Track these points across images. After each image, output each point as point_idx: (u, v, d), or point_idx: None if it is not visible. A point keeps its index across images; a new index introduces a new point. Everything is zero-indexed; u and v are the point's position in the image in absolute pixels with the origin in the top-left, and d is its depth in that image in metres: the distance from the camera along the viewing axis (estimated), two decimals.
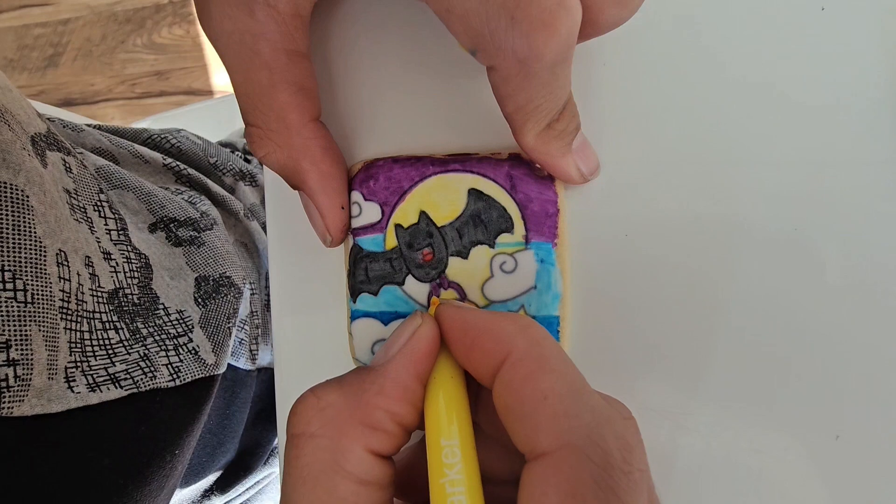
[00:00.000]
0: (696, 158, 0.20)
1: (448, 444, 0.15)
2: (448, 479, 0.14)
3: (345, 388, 0.15)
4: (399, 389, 0.15)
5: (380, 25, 0.22)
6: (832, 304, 0.19)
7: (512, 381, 0.15)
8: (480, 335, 0.16)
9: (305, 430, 0.15)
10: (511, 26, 0.15)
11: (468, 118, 0.21)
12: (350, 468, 0.15)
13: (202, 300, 0.34)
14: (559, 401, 0.14)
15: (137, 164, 0.39)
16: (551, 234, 0.20)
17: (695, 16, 0.20)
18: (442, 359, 0.16)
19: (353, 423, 0.15)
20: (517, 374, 0.15)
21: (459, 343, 0.16)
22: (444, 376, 0.16)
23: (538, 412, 0.14)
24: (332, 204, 0.20)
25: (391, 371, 0.16)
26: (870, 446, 0.19)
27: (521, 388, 0.15)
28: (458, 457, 0.14)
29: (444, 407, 0.15)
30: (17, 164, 0.24)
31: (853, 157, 0.19)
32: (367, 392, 0.15)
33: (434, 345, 0.16)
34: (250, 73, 0.18)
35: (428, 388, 0.16)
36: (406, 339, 0.16)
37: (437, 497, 0.14)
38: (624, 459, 0.13)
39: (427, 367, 0.16)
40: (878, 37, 0.19)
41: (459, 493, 0.14)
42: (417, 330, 0.16)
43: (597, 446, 0.13)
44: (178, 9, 1.27)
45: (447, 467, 0.14)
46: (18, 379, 0.22)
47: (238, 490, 0.41)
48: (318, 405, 0.15)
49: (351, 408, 0.15)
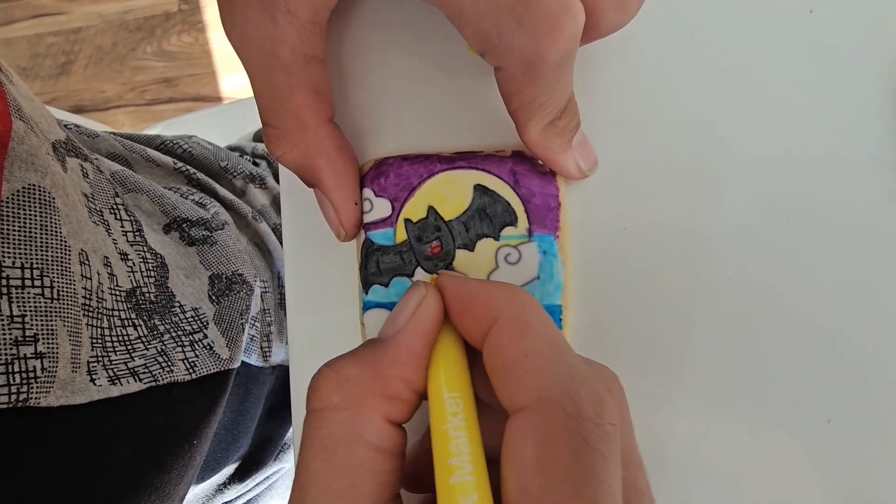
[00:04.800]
0: (691, 156, 0.21)
1: (451, 395, 0.15)
2: (452, 424, 0.15)
3: (361, 361, 0.16)
4: (413, 357, 0.16)
5: (391, 31, 0.23)
6: (824, 293, 0.20)
7: (498, 342, 0.16)
8: (472, 301, 0.16)
9: (328, 404, 0.15)
10: (518, 29, 0.16)
11: (473, 118, 0.22)
12: (369, 437, 0.15)
13: (216, 297, 0.35)
14: (539, 359, 0.15)
15: (150, 167, 0.40)
16: (553, 227, 0.21)
17: (688, 21, 0.21)
18: (444, 326, 0.17)
19: (372, 394, 0.16)
20: (503, 335, 0.16)
21: (455, 309, 0.17)
22: (447, 339, 0.17)
23: (519, 369, 0.15)
24: (346, 200, 0.21)
25: (403, 340, 0.16)
26: (860, 430, 0.20)
27: (506, 349, 0.15)
28: (460, 406, 0.15)
29: (448, 364, 0.16)
30: (44, 168, 0.25)
31: (843, 155, 0.20)
32: (382, 363, 0.16)
33: (440, 313, 0.17)
34: (270, 77, 0.19)
35: (433, 351, 0.17)
36: (413, 309, 0.17)
37: (441, 440, 0.15)
38: (595, 413, 0.14)
39: (435, 335, 0.17)
40: (866, 39, 0.20)
41: (462, 437, 0.15)
42: (424, 299, 0.17)
43: (570, 399, 0.14)
44: (187, 17, 1.28)
45: (452, 415, 0.15)
46: (45, 371, 0.23)
47: (249, 485, 0.42)
48: (338, 380, 0.16)
49: (368, 379, 0.16)
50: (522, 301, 0.16)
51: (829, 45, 0.20)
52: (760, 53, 0.21)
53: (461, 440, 0.15)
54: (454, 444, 0.15)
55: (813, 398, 0.20)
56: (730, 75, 0.21)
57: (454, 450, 0.15)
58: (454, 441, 0.15)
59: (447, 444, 0.15)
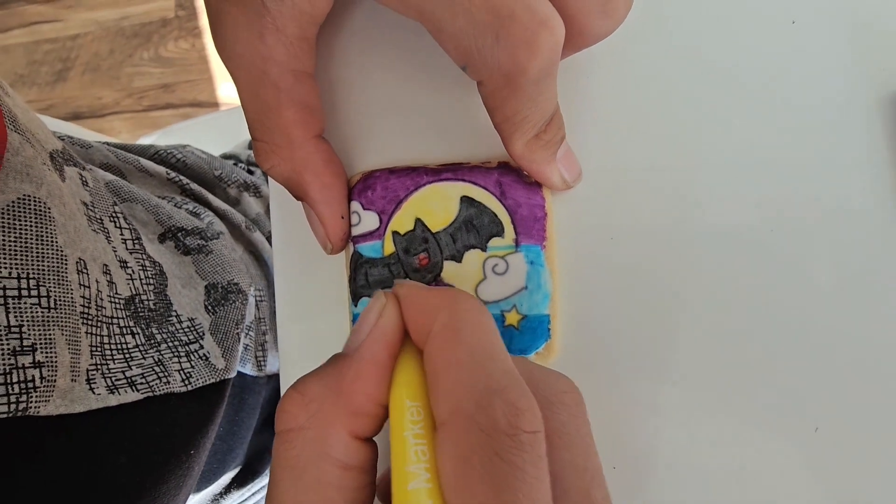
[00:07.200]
0: (677, 164, 0.21)
1: (413, 404, 0.15)
2: (412, 432, 0.15)
3: (325, 378, 0.16)
4: (375, 370, 0.16)
5: (378, 45, 0.23)
6: (811, 300, 0.20)
7: (430, 351, 0.15)
8: (414, 309, 0.16)
9: (293, 425, 0.15)
10: (496, 44, 0.16)
11: (459, 130, 0.22)
12: (335, 454, 0.15)
13: (212, 307, 0.35)
14: (459, 370, 0.15)
15: (143, 177, 0.40)
16: (540, 236, 0.21)
17: (673, 30, 0.21)
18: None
19: (337, 411, 0.15)
20: (434, 345, 0.15)
21: (405, 317, 0.16)
22: (410, 349, 0.17)
23: (443, 381, 0.15)
24: (333, 213, 0.21)
25: (365, 354, 0.16)
26: (848, 438, 0.20)
27: (435, 358, 0.15)
28: (421, 415, 0.15)
29: (409, 373, 0.16)
30: (39, 179, 0.25)
31: (826, 162, 0.20)
32: (345, 379, 0.16)
33: (400, 322, 0.16)
34: (258, 92, 0.19)
35: (396, 360, 0.16)
36: (373, 321, 0.16)
37: (399, 447, 0.15)
38: (509, 423, 0.14)
39: (397, 345, 0.16)
40: (847, 47, 0.20)
41: (422, 444, 0.14)
42: (383, 310, 0.16)
43: (483, 411, 0.14)
44: (183, 23, 1.29)
45: (412, 423, 0.15)
46: (44, 380, 0.23)
47: (245, 494, 0.42)
48: (303, 401, 0.15)
49: (333, 397, 0.15)
50: (457, 307, 0.16)
51: (811, 53, 0.20)
52: (744, 62, 0.21)
53: (420, 448, 0.14)
54: (413, 451, 0.14)
55: (800, 406, 0.20)
56: (714, 84, 0.21)
57: (413, 457, 0.14)
58: (413, 448, 0.14)
59: (406, 450, 0.15)
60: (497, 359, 0.15)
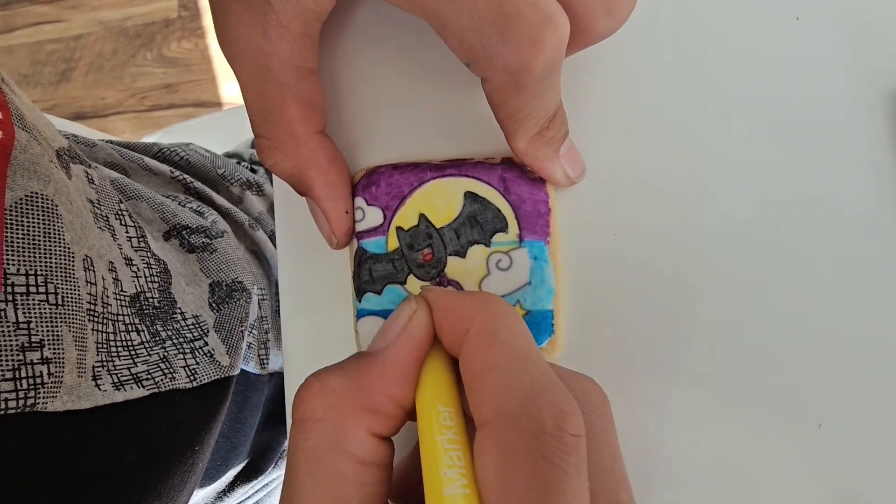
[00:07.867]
0: (681, 161, 0.21)
1: (445, 409, 0.15)
2: (446, 437, 0.15)
3: (346, 373, 0.16)
4: (398, 373, 0.16)
5: (381, 42, 0.23)
6: (814, 299, 0.20)
7: (468, 354, 0.15)
8: (448, 313, 0.16)
9: (311, 415, 0.15)
10: (501, 41, 0.16)
11: (462, 126, 0.22)
12: (352, 450, 0.15)
13: (216, 305, 0.35)
14: (501, 372, 0.15)
15: (147, 176, 0.40)
16: (544, 232, 0.21)
17: (677, 28, 0.21)
18: (437, 341, 0.17)
19: (356, 407, 0.15)
20: (472, 347, 0.15)
21: (437, 322, 0.17)
22: (439, 354, 0.17)
23: (483, 383, 0.15)
24: (337, 209, 0.21)
25: (390, 356, 0.16)
26: (851, 435, 0.20)
27: (473, 361, 0.15)
28: (453, 421, 0.15)
29: (440, 378, 0.16)
30: (47, 176, 0.25)
31: (829, 160, 0.20)
32: (367, 377, 0.16)
33: (430, 328, 0.17)
34: (262, 89, 0.20)
35: (424, 365, 0.16)
36: (403, 324, 0.16)
37: (432, 451, 0.15)
38: (556, 426, 0.14)
39: (424, 350, 0.16)
40: (851, 44, 0.20)
41: (456, 450, 0.14)
42: (414, 314, 0.16)
43: (528, 414, 0.14)
44: (186, 23, 1.29)
45: (445, 428, 0.15)
46: (52, 376, 0.23)
47: (249, 492, 0.43)
48: (322, 391, 0.16)
49: (351, 392, 0.16)
50: (493, 310, 0.16)
51: (815, 50, 0.20)
52: (748, 59, 0.21)
53: (455, 453, 0.14)
54: (448, 455, 0.14)
55: (803, 403, 0.20)
56: (718, 81, 0.21)
57: (448, 461, 0.14)
58: (448, 453, 0.14)
59: (439, 455, 0.14)
60: (536, 361, 0.15)
